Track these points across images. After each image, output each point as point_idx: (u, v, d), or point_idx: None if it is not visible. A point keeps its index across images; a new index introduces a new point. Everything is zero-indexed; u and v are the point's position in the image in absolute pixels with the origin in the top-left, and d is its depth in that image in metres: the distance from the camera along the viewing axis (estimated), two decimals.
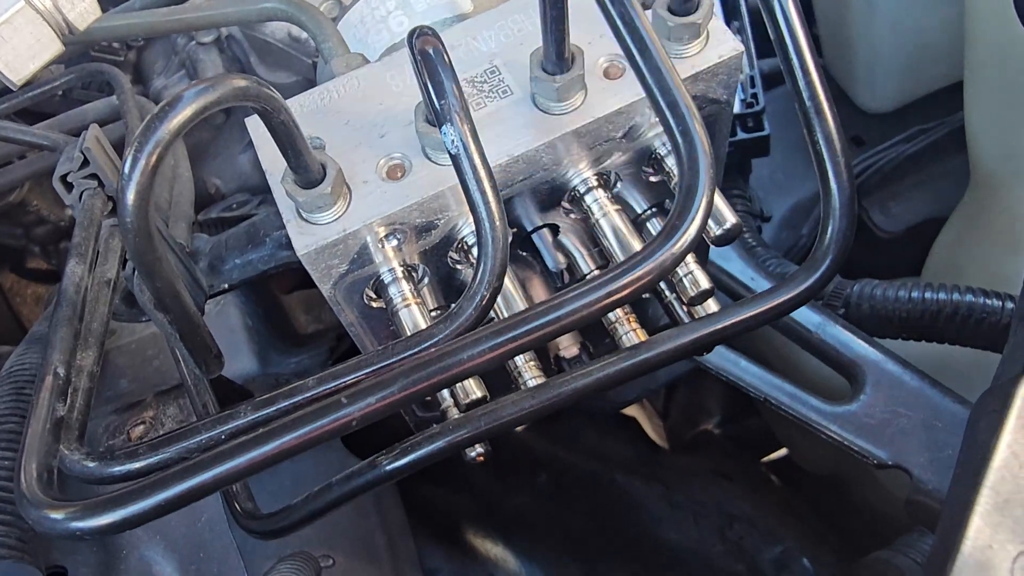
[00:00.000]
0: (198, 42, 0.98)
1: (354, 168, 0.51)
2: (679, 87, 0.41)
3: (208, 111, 0.39)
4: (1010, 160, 1.16)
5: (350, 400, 0.38)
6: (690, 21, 0.52)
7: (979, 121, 1.19)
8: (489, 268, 0.41)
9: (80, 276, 0.50)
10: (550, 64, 0.50)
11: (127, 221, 0.38)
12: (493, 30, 0.55)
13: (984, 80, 1.13)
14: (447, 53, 0.42)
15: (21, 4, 0.46)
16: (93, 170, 0.56)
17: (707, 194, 0.38)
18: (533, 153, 0.52)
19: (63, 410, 0.41)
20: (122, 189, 0.37)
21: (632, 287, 0.39)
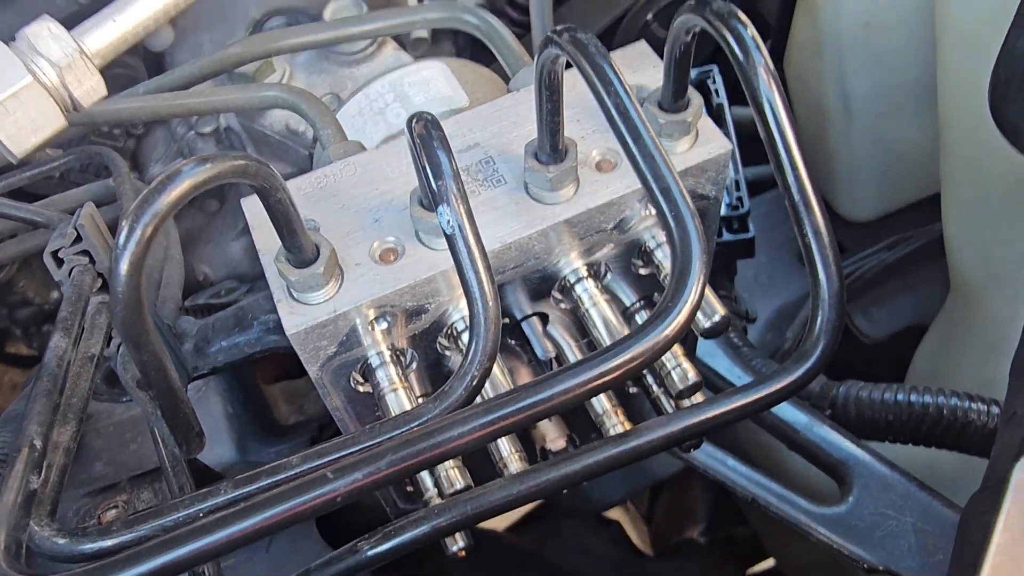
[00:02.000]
0: (197, 132, 0.99)
1: (347, 250, 0.51)
2: (672, 173, 0.42)
3: (206, 186, 0.39)
4: (988, 269, 1.19)
5: (336, 475, 0.37)
6: (680, 119, 0.53)
7: (957, 231, 1.21)
8: (481, 348, 0.41)
9: (64, 350, 0.49)
10: (544, 155, 0.52)
11: (118, 290, 0.38)
12: (489, 122, 0.57)
13: (960, 191, 1.17)
14: (445, 136, 0.43)
15: (28, 79, 0.47)
16: (85, 247, 0.56)
17: (700, 278, 0.39)
18: (525, 241, 0.52)
19: (36, 483, 0.40)
20: (116, 258, 0.37)
21: (624, 368, 0.39)
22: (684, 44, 0.49)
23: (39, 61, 0.47)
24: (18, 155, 0.47)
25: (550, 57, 0.45)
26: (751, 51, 0.43)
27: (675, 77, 0.51)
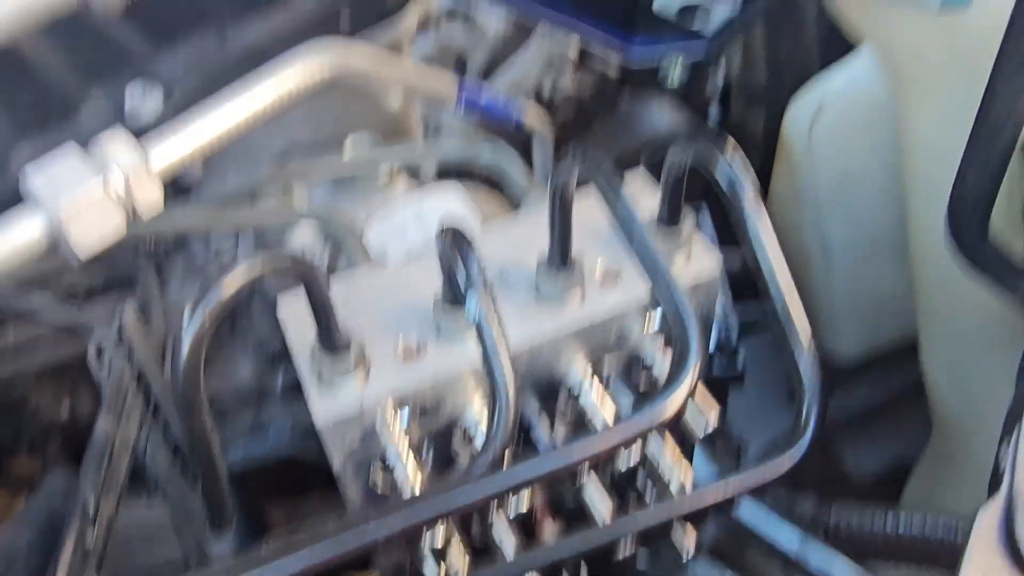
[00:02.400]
0: (217, 255, 1.05)
1: (374, 348, 0.56)
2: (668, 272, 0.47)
3: (264, 276, 0.44)
4: (969, 408, 1.23)
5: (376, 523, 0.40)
6: (676, 238, 0.60)
7: (936, 372, 1.26)
8: (501, 426, 0.45)
9: (110, 428, 0.52)
10: (554, 266, 0.57)
11: (181, 362, 0.42)
12: (503, 238, 0.63)
13: (936, 333, 1.22)
14: (471, 238, 0.49)
15: (100, 187, 0.52)
16: (126, 343, 0.60)
17: (697, 363, 0.43)
18: (536, 346, 0.57)
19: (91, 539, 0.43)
20: (183, 335, 0.42)
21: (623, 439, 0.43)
22: (678, 172, 0.56)
23: (112, 169, 0.53)
24: (82, 258, 0.52)
25: (564, 174, 0.52)
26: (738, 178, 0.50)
27: (671, 201, 0.58)
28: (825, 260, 1.37)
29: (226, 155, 1.05)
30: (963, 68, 0.74)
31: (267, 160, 1.07)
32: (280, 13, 0.97)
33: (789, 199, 1.35)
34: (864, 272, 1.36)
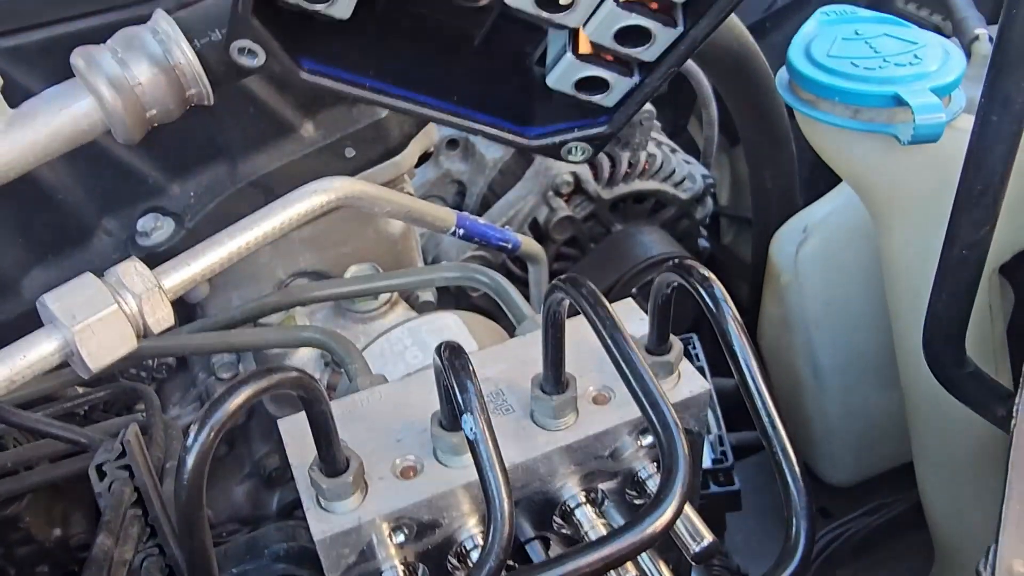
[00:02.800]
0: (217, 377, 1.07)
1: (372, 466, 0.57)
2: (659, 389, 0.49)
3: (267, 392, 0.46)
4: (968, 533, 1.22)
5: None
6: (664, 360, 0.62)
7: (933, 497, 1.26)
8: (497, 540, 0.46)
9: (108, 548, 0.53)
10: (548, 387, 0.59)
11: (184, 479, 0.43)
12: (499, 360, 0.65)
13: (930, 459, 1.23)
14: (468, 358, 0.51)
15: (114, 306, 0.55)
16: (128, 461, 0.61)
17: (684, 478, 0.45)
18: (531, 463, 0.59)
19: None
20: (186, 450, 0.43)
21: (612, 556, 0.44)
22: (665, 296, 0.59)
23: (124, 293, 0.56)
24: (94, 371, 0.54)
25: (556, 300, 0.55)
26: (719, 301, 0.53)
27: (659, 324, 0.61)
28: (817, 383, 1.39)
29: (231, 275, 1.09)
30: (936, 197, 0.78)
31: (271, 282, 1.11)
32: (288, 145, 1.03)
33: (779, 323, 1.39)
34: (856, 395, 1.38)
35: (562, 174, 1.34)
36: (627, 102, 0.56)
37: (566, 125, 0.60)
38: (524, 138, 0.60)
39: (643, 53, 0.52)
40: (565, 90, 0.56)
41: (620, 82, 0.55)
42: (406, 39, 0.59)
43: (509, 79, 0.61)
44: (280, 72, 0.55)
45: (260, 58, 0.54)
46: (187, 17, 0.72)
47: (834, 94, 0.89)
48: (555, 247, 1.39)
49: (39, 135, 0.64)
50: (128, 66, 0.65)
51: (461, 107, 0.59)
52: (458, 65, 0.60)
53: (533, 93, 0.61)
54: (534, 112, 0.61)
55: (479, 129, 0.59)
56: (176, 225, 0.98)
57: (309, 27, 0.54)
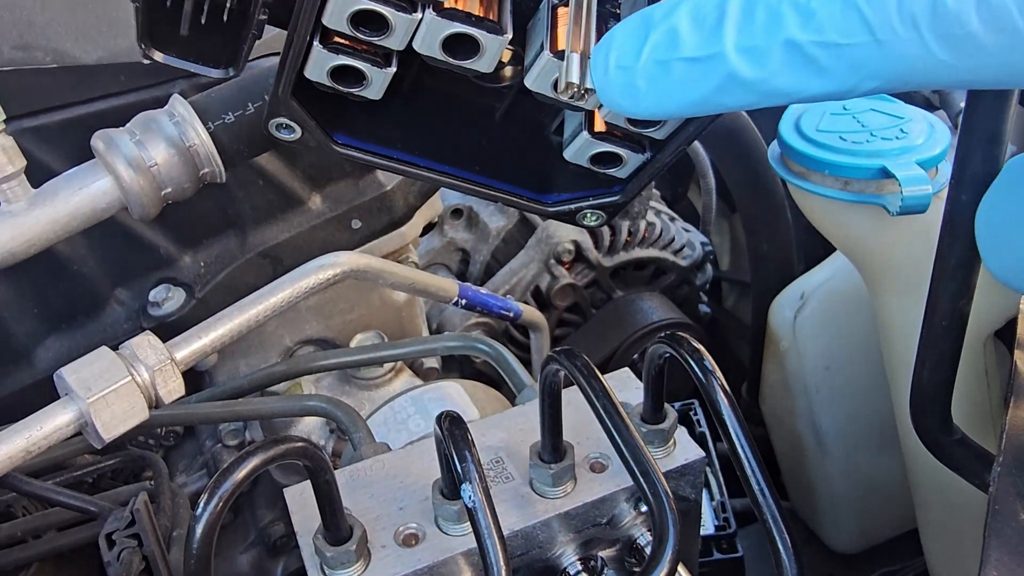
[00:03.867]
0: (224, 444, 1.09)
1: (375, 534, 0.59)
2: (649, 458, 0.51)
3: (275, 462, 0.48)
4: None
5: None
6: (659, 429, 0.64)
7: (939, 566, 1.25)
8: None
9: None
10: (546, 455, 0.61)
11: (194, 547, 0.45)
12: (499, 429, 0.67)
13: (935, 526, 1.22)
14: (467, 428, 0.53)
15: (128, 378, 0.57)
16: (137, 530, 0.63)
17: (674, 544, 0.46)
18: (530, 530, 0.60)
19: None
20: (196, 519, 0.45)
21: None
22: (657, 367, 0.61)
23: (138, 365, 0.58)
24: (106, 441, 0.56)
25: (551, 372, 0.57)
26: (708, 372, 0.55)
27: (653, 393, 0.62)
28: (819, 449, 1.39)
29: (239, 343, 1.11)
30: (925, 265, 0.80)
31: (278, 350, 1.13)
32: (297, 217, 1.06)
33: (780, 388, 1.40)
34: (859, 460, 1.38)
35: (563, 242, 1.37)
36: (639, 175, 0.59)
37: (581, 194, 0.62)
38: (542, 205, 0.62)
39: (654, 132, 0.55)
40: (581, 163, 0.58)
41: (632, 158, 0.57)
42: (431, 115, 0.62)
43: (528, 150, 0.64)
44: (315, 146, 0.58)
45: (296, 133, 0.58)
46: (202, 101, 0.76)
47: (824, 167, 0.92)
48: (557, 313, 1.42)
49: (59, 214, 0.67)
50: (145, 147, 0.69)
51: (483, 177, 0.62)
52: (480, 137, 0.64)
53: (550, 163, 0.63)
54: (551, 181, 0.64)
55: (500, 197, 0.62)
56: (187, 295, 1.01)
57: (342, 105, 0.58)
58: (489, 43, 0.49)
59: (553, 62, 0.50)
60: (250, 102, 0.76)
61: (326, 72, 0.52)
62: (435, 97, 0.63)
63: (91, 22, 0.95)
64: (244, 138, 0.75)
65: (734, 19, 0.35)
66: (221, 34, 0.59)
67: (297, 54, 0.51)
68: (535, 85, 0.52)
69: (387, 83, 0.54)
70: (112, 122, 0.74)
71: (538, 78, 0.51)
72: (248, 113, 0.76)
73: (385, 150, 0.60)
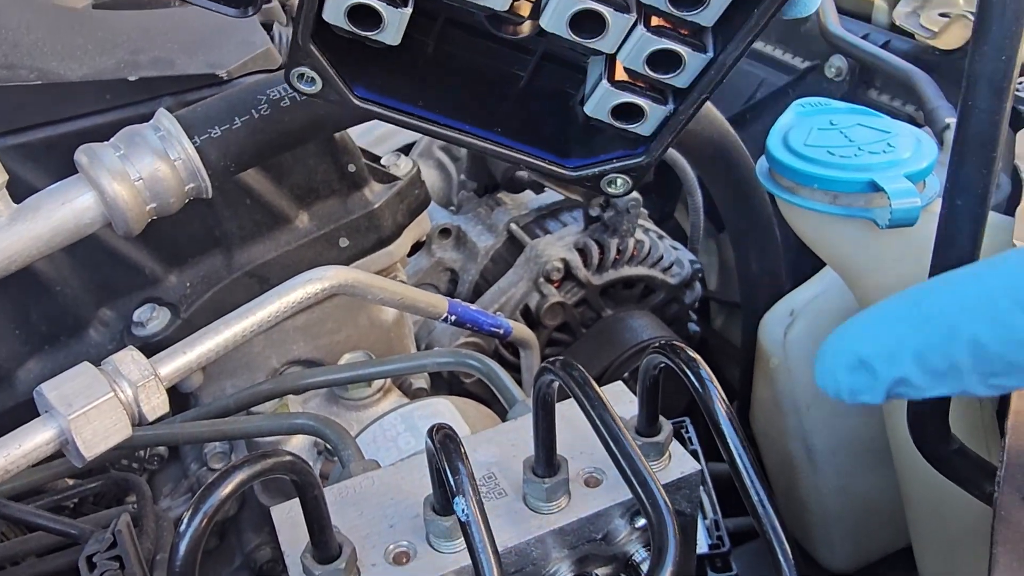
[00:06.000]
0: (209, 467, 1.07)
1: (365, 552, 0.57)
2: (648, 469, 0.50)
3: (261, 477, 0.47)
4: None
5: None
6: (654, 442, 0.63)
7: None
8: None
9: None
10: (540, 469, 0.60)
11: (176, 565, 0.43)
12: (491, 444, 0.66)
13: (928, 541, 1.22)
14: (460, 441, 0.52)
15: (110, 394, 0.56)
16: (119, 552, 0.61)
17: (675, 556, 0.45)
18: (524, 546, 0.59)
19: None
20: (180, 536, 0.44)
21: None
22: (652, 378, 0.60)
23: (120, 381, 0.57)
24: (88, 459, 0.55)
25: (546, 383, 0.56)
26: (705, 380, 0.54)
27: (648, 406, 0.61)
28: (812, 467, 1.38)
29: (225, 363, 1.09)
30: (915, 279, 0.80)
31: (265, 370, 1.12)
32: (284, 235, 1.05)
33: (771, 406, 1.39)
34: (851, 477, 1.37)
35: (552, 261, 1.36)
36: (663, 131, 0.58)
37: (604, 156, 0.61)
38: (565, 169, 0.61)
39: (675, 79, 0.54)
40: (602, 118, 0.57)
41: (655, 110, 0.56)
42: (455, 74, 0.63)
43: (552, 116, 0.64)
44: (335, 99, 0.58)
45: (317, 85, 0.57)
46: (188, 115, 0.75)
47: (813, 181, 0.92)
48: (547, 332, 1.41)
49: (42, 229, 0.66)
50: (130, 162, 0.68)
51: (505, 138, 0.61)
52: (504, 100, 0.64)
53: (575, 129, 0.63)
54: (575, 146, 0.63)
55: (521, 159, 0.61)
56: (172, 315, 0.99)
57: (362, 57, 0.58)
58: None
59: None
60: (237, 116, 0.76)
61: (343, 13, 0.52)
62: (459, 58, 0.63)
63: (77, 41, 0.94)
64: (231, 153, 0.74)
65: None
66: None
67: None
68: (550, 25, 0.51)
69: (403, 26, 0.54)
70: (97, 139, 0.73)
71: (553, 16, 0.51)
72: (235, 127, 0.75)
73: (406, 106, 0.59)
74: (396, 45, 0.55)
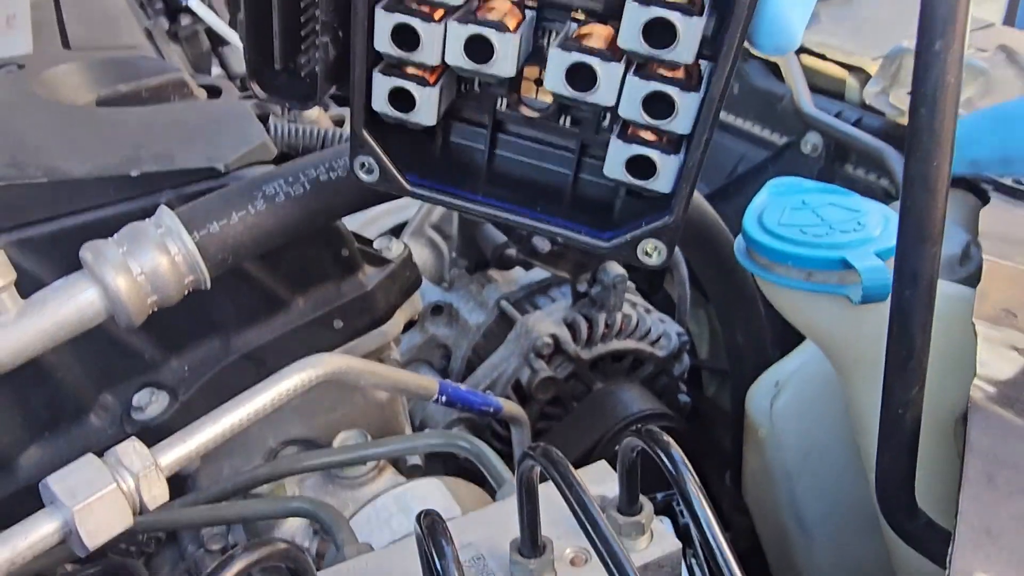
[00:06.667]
0: (206, 550, 1.08)
1: None
2: (623, 550, 0.52)
3: (258, 565, 0.49)
4: None
5: None
6: (635, 521, 0.65)
7: None
8: None
9: None
10: (526, 550, 0.62)
11: None
12: (479, 525, 0.68)
13: None
14: (446, 527, 0.54)
15: (113, 485, 0.58)
16: None
17: None
18: None
19: None
20: None
21: None
22: (631, 460, 0.62)
23: (122, 472, 0.60)
24: (90, 548, 0.57)
25: (528, 467, 0.58)
26: (679, 465, 0.57)
27: (628, 486, 0.64)
28: (803, 536, 1.39)
29: (222, 446, 1.11)
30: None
31: (261, 451, 1.13)
32: (280, 319, 1.08)
33: (762, 477, 1.41)
34: (845, 546, 1.38)
35: (542, 336, 1.39)
36: (680, 185, 0.62)
37: (634, 223, 0.65)
38: (601, 241, 0.66)
39: (674, 123, 0.58)
40: (619, 177, 0.62)
41: (665, 160, 0.60)
42: (491, 158, 0.69)
43: (588, 195, 0.69)
44: (392, 186, 0.65)
45: (375, 174, 0.64)
46: (187, 211, 0.79)
47: (787, 259, 0.96)
48: (539, 407, 1.43)
49: (48, 324, 0.69)
50: (133, 258, 0.72)
51: (545, 217, 0.67)
52: (544, 187, 0.69)
53: (607, 204, 0.68)
54: (607, 219, 0.68)
55: (560, 234, 0.66)
56: (170, 399, 1.02)
57: (410, 148, 0.64)
58: (502, 43, 0.55)
59: (562, 55, 0.55)
60: (234, 212, 0.80)
61: (385, 98, 0.59)
62: (502, 155, 0.69)
63: (82, 138, 0.99)
64: (229, 247, 0.78)
65: None
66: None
67: (360, 80, 0.59)
68: (550, 84, 0.57)
69: (435, 105, 0.60)
70: (101, 232, 0.77)
71: (551, 76, 0.57)
72: (232, 222, 0.79)
73: (451, 189, 0.66)
74: (434, 129, 0.63)
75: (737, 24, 0.52)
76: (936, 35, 0.43)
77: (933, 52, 0.43)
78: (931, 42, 0.43)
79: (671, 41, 0.55)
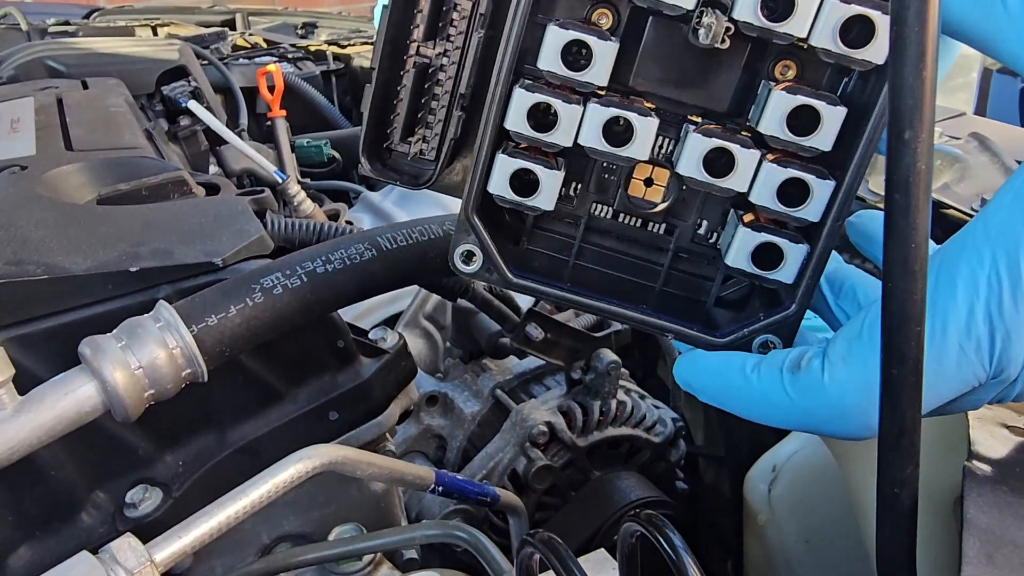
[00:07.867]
0: None
1: None
2: None
3: None
4: None
5: None
6: None
7: None
8: None
9: None
10: None
11: None
12: None
13: None
14: None
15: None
16: None
17: None
18: None
19: None
20: None
21: None
22: (630, 545, 0.62)
23: (117, 569, 0.59)
24: None
25: (527, 555, 0.58)
26: (678, 550, 0.57)
27: (627, 572, 0.64)
28: None
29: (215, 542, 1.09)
30: None
31: (255, 547, 1.12)
32: (275, 411, 1.08)
33: (763, 564, 1.39)
34: None
35: (538, 425, 1.39)
36: (804, 275, 0.60)
37: (752, 319, 0.63)
38: (714, 338, 0.63)
39: (806, 211, 0.57)
40: (743, 267, 0.60)
41: (792, 250, 0.59)
42: (598, 254, 0.67)
43: (695, 292, 0.68)
44: (495, 278, 0.62)
45: (476, 264, 0.61)
46: (186, 305, 0.81)
47: None
48: (536, 496, 1.42)
49: (45, 419, 0.70)
50: (131, 352, 0.73)
51: (653, 313, 0.65)
52: (648, 283, 0.68)
53: (717, 300, 0.67)
54: (721, 314, 0.66)
55: (670, 329, 0.64)
56: (164, 495, 1.01)
57: (513, 236, 0.63)
58: (643, 127, 0.55)
59: (703, 140, 0.56)
60: (232, 305, 0.81)
61: (507, 180, 0.57)
62: (602, 249, 0.68)
63: (82, 236, 1.01)
64: (226, 339, 0.79)
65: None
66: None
67: (486, 159, 0.57)
68: (686, 169, 0.57)
69: (557, 189, 0.59)
70: (100, 328, 0.78)
71: (687, 163, 0.57)
72: (230, 315, 0.80)
73: (554, 283, 0.64)
74: (548, 218, 0.62)
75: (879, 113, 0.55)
76: (904, 125, 0.45)
77: (903, 141, 0.45)
78: (901, 131, 0.45)
79: (814, 128, 0.55)
